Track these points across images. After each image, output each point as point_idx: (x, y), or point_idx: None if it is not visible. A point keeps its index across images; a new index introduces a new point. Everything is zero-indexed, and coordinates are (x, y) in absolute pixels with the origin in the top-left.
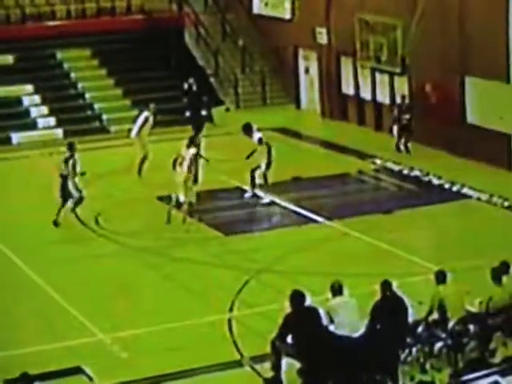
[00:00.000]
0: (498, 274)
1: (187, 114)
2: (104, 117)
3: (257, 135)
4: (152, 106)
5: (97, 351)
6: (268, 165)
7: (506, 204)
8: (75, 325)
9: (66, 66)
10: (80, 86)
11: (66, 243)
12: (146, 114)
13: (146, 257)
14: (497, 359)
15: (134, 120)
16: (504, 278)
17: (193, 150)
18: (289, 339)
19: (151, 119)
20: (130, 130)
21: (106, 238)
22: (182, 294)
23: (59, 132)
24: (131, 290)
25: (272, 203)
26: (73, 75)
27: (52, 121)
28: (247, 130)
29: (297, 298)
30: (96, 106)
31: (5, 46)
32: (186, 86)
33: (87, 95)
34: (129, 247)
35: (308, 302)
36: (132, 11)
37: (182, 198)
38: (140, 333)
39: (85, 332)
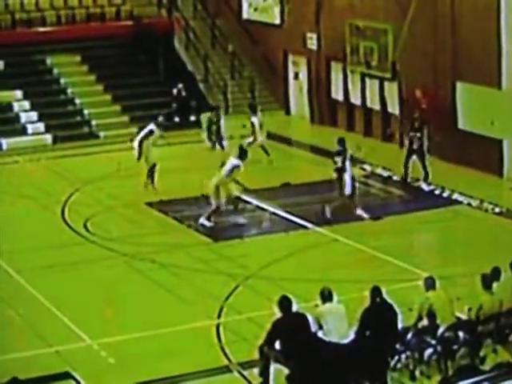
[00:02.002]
0: (488, 280)
1: (176, 119)
2: (93, 122)
3: (255, 118)
4: (160, 119)
5: (85, 356)
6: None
7: (497, 210)
8: (63, 330)
9: (55, 71)
10: (69, 91)
11: (54, 249)
12: (151, 126)
13: (134, 262)
14: (487, 366)
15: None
16: (494, 285)
17: (236, 161)
18: (277, 345)
19: (157, 132)
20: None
21: (94, 243)
22: (170, 299)
23: (48, 138)
24: (119, 295)
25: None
26: (62, 81)
27: (41, 126)
28: (252, 108)
29: (285, 303)
30: (85, 111)
31: None
32: (175, 91)
33: (77, 101)
34: (117, 253)
35: (296, 308)
36: (121, 17)
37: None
38: (128, 338)
39: (73, 337)
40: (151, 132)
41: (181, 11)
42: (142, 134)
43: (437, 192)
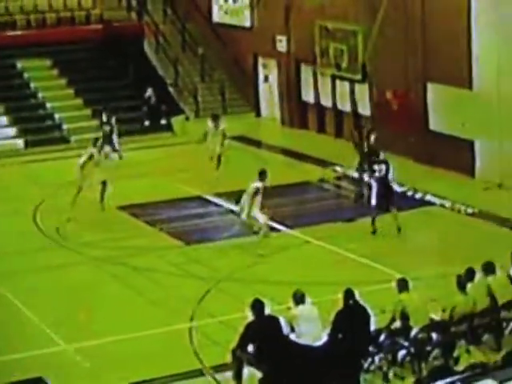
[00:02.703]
0: (462, 281)
1: (146, 123)
2: (64, 126)
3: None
4: (99, 142)
5: (60, 361)
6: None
7: (470, 211)
8: (38, 335)
9: (25, 75)
10: (40, 95)
11: (26, 253)
12: (92, 150)
13: (107, 266)
14: (461, 367)
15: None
16: (468, 286)
17: (259, 184)
18: (250, 348)
19: (96, 156)
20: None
21: (67, 248)
22: (143, 303)
23: (20, 142)
24: (93, 299)
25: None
26: (33, 85)
27: (12, 131)
28: (214, 117)
29: (257, 306)
30: (56, 115)
31: None
32: (145, 95)
33: (47, 105)
34: (90, 257)
35: (269, 310)
36: (91, 21)
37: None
38: (102, 342)
39: (47, 342)
40: (91, 157)
41: (151, 15)
42: (83, 159)
43: (409, 193)
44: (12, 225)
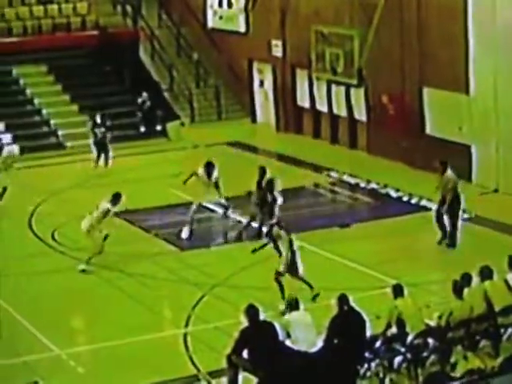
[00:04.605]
0: (459, 287)
1: (142, 129)
2: (60, 132)
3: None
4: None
5: (53, 366)
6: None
7: (466, 216)
8: (31, 340)
9: (21, 82)
10: (36, 101)
11: (21, 259)
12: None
13: (101, 272)
14: (457, 373)
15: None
16: (465, 291)
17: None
18: (245, 354)
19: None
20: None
21: (61, 253)
22: (137, 309)
23: (15, 148)
24: (87, 305)
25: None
26: (28, 91)
27: (8, 137)
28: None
29: (252, 312)
30: (52, 121)
31: None
32: (140, 100)
33: (43, 111)
34: (84, 262)
35: (263, 316)
36: (87, 27)
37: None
38: (96, 348)
39: (41, 347)
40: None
41: (146, 20)
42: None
43: (405, 198)
44: (7, 230)
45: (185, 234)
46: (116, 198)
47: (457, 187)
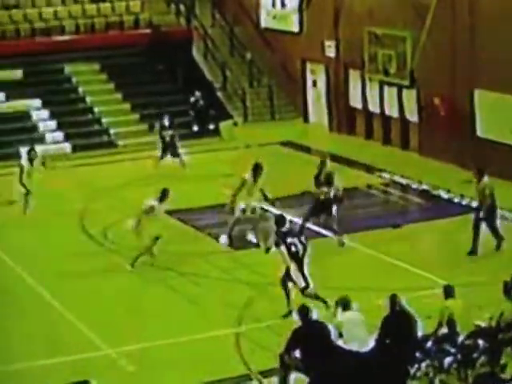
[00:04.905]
0: (509, 288)
1: (194, 128)
2: (112, 131)
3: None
4: (33, 152)
5: (104, 365)
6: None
7: None
8: (82, 339)
9: (74, 80)
10: (88, 100)
11: (73, 257)
12: (23, 161)
13: (153, 271)
14: (507, 374)
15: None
16: None
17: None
18: (297, 353)
19: (26, 167)
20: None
21: (113, 252)
22: (189, 308)
23: (67, 146)
24: (138, 304)
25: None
26: (81, 89)
27: (60, 135)
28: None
29: (304, 311)
30: (104, 120)
31: (14, 61)
32: (192, 99)
33: (95, 109)
34: (137, 262)
35: (316, 316)
36: (140, 25)
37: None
38: (147, 347)
39: (91, 346)
40: (22, 168)
41: (199, 19)
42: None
43: (456, 200)
44: (59, 228)
45: (223, 239)
46: (163, 195)
47: (493, 194)
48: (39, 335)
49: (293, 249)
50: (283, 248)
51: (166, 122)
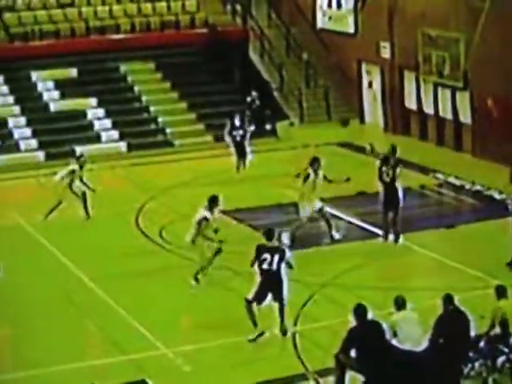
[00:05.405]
0: None
1: (252, 128)
2: (168, 130)
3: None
4: (83, 158)
5: (160, 365)
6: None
7: None
8: (138, 338)
9: (129, 79)
10: (144, 99)
11: (129, 256)
12: (73, 166)
13: (209, 271)
14: None
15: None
16: None
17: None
18: (352, 353)
19: (78, 171)
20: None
21: (169, 251)
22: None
23: (122, 145)
24: (195, 303)
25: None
26: (136, 88)
27: (115, 134)
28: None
29: (360, 311)
30: (160, 119)
31: (69, 60)
32: (248, 99)
33: (151, 108)
34: (193, 261)
35: (371, 315)
36: (196, 25)
37: None
38: (203, 347)
39: (149, 346)
40: (73, 171)
41: (255, 19)
42: (64, 173)
43: (509, 201)
44: (114, 228)
45: (285, 238)
46: (212, 202)
47: None
48: (97, 335)
49: (264, 266)
50: (256, 265)
51: (237, 122)
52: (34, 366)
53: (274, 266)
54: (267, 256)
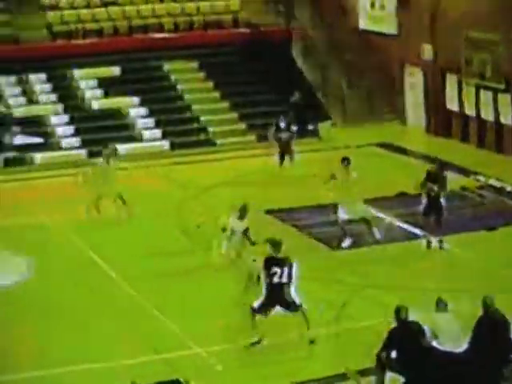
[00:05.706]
0: None
1: (294, 128)
2: (210, 129)
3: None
4: (110, 149)
5: (194, 364)
6: None
7: None
8: (171, 338)
9: (172, 77)
10: (186, 98)
11: (167, 256)
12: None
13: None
14: None
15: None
16: None
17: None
18: (393, 354)
19: (112, 162)
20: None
21: (208, 251)
22: None
23: (165, 144)
24: (228, 304)
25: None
26: (179, 87)
27: (158, 133)
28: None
29: (401, 312)
30: (202, 118)
31: (112, 58)
32: (291, 99)
33: (193, 107)
34: (231, 261)
35: (412, 317)
36: (239, 25)
37: None
38: (236, 346)
39: (182, 345)
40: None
41: (298, 20)
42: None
43: None
44: (156, 227)
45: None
46: (243, 211)
47: None
48: (129, 334)
49: (275, 279)
50: (263, 275)
51: (282, 124)
52: (66, 364)
53: (284, 279)
54: (277, 270)
